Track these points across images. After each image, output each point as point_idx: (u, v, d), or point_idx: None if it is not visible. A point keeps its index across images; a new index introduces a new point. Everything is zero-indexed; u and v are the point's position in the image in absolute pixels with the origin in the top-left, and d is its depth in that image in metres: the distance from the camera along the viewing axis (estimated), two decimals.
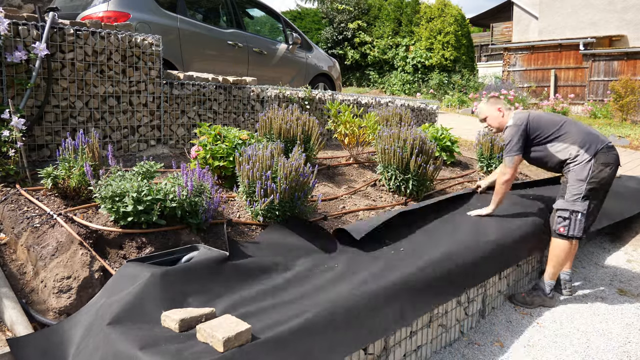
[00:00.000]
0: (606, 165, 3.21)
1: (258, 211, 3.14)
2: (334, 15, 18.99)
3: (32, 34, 3.28)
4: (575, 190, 3.24)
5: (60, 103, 3.49)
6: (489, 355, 2.79)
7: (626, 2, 15.14)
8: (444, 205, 3.83)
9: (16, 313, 2.24)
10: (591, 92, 15.33)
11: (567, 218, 3.26)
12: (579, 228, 3.25)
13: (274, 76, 6.25)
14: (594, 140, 3.27)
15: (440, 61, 17.13)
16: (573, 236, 3.27)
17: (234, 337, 1.75)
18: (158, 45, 3.95)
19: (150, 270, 2.21)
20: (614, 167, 3.25)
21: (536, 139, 3.41)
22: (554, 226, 3.34)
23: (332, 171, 4.51)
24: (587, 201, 3.23)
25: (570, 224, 3.25)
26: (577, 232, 3.26)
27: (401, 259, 2.77)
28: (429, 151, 4.19)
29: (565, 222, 3.27)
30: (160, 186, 2.75)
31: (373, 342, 2.29)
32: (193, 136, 4.27)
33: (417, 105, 6.97)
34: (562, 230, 3.29)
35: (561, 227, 3.29)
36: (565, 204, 3.27)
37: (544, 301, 3.38)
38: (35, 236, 2.62)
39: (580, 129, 3.35)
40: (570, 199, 3.26)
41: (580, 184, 3.23)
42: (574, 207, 3.24)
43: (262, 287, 2.35)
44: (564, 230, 3.28)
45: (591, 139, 3.28)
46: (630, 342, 2.96)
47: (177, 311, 1.98)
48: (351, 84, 19.14)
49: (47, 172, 2.87)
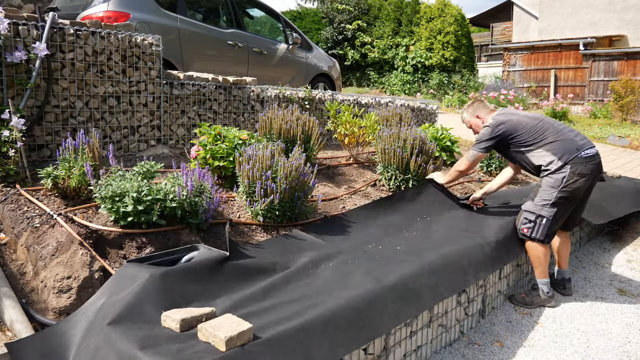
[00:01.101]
0: (582, 176, 3.17)
1: (258, 211, 3.14)
2: (334, 15, 18.99)
3: (32, 34, 3.28)
4: (546, 195, 3.24)
5: (60, 103, 3.49)
6: (489, 355, 2.79)
7: (626, 2, 15.15)
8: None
9: (16, 313, 2.24)
10: (591, 92, 15.33)
11: (533, 221, 3.29)
12: (542, 233, 3.27)
13: (274, 76, 6.25)
14: (571, 150, 3.21)
15: (440, 61, 17.14)
16: (535, 238, 3.29)
17: (236, 337, 1.75)
18: (158, 45, 3.95)
19: (150, 271, 2.21)
20: (590, 178, 3.21)
21: (513, 142, 3.39)
22: (519, 226, 3.37)
23: (332, 171, 4.51)
24: (554, 208, 3.22)
25: (534, 227, 3.28)
26: (539, 235, 3.28)
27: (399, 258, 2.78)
28: (429, 151, 4.19)
29: (530, 224, 3.30)
30: (160, 186, 2.75)
31: (373, 340, 2.29)
32: (193, 136, 4.27)
33: (417, 105, 6.97)
34: (525, 231, 3.32)
35: (525, 228, 3.33)
36: (533, 207, 3.29)
37: (544, 301, 3.39)
38: (35, 236, 2.62)
39: (559, 136, 3.28)
40: (539, 203, 3.27)
41: (552, 191, 3.22)
42: (541, 212, 3.25)
43: (262, 287, 2.35)
44: (527, 231, 3.31)
45: (569, 147, 3.22)
46: (630, 342, 2.96)
47: (178, 311, 1.98)
48: (351, 84, 19.14)
49: (47, 172, 2.87)
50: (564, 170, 3.18)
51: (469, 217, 3.66)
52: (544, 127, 3.34)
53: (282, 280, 2.43)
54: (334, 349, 2.00)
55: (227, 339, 1.72)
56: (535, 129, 3.33)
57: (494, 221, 3.50)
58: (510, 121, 3.39)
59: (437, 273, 2.67)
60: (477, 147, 3.48)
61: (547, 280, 3.40)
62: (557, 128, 3.34)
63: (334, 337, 2.02)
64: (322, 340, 1.97)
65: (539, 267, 3.37)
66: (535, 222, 3.27)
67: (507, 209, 3.78)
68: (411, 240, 3.16)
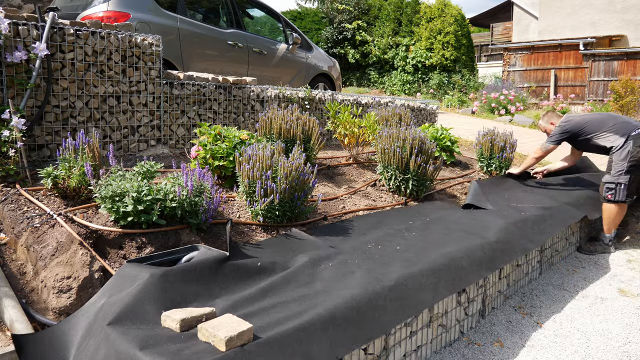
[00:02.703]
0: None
1: (258, 211, 3.14)
2: (334, 15, 18.99)
3: (32, 34, 3.28)
4: (619, 167, 4.22)
5: (60, 103, 3.49)
6: (489, 355, 2.79)
7: (626, 2, 15.15)
8: None
9: (16, 313, 2.24)
10: (591, 92, 15.33)
11: (613, 188, 4.26)
12: (623, 195, 4.25)
13: (274, 76, 6.25)
14: (630, 129, 4.25)
15: (441, 61, 17.13)
16: (618, 201, 4.25)
17: (236, 337, 1.75)
18: (158, 45, 3.95)
19: (150, 271, 2.21)
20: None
21: (581, 134, 4.48)
22: (603, 194, 4.32)
23: (332, 171, 4.51)
24: (628, 175, 4.20)
25: (615, 192, 4.25)
26: (621, 197, 4.25)
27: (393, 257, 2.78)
28: (429, 151, 4.19)
29: (611, 191, 4.27)
30: (160, 186, 2.75)
31: (374, 340, 2.29)
32: (193, 136, 4.27)
33: (417, 105, 6.97)
34: (609, 197, 4.28)
35: (609, 194, 4.28)
36: (611, 178, 4.27)
37: (605, 249, 4.38)
38: (35, 236, 2.62)
39: (617, 120, 4.38)
40: (615, 174, 4.25)
41: (622, 163, 4.21)
42: (619, 180, 4.23)
43: (261, 287, 2.35)
44: (611, 197, 4.27)
45: (627, 127, 4.28)
46: (630, 342, 2.96)
47: (178, 311, 1.98)
48: (351, 84, 19.13)
49: (47, 172, 2.87)
50: (627, 145, 4.21)
51: (468, 218, 3.68)
52: (602, 117, 4.48)
53: (282, 280, 2.43)
54: (334, 348, 2.00)
55: (227, 339, 1.72)
56: (597, 120, 4.44)
57: (495, 222, 3.51)
58: (573, 120, 4.54)
59: (437, 272, 2.67)
60: (550, 140, 4.60)
61: (611, 235, 4.36)
62: (613, 115, 4.51)
63: (333, 337, 2.02)
64: (322, 339, 1.97)
65: (609, 224, 4.33)
66: (615, 188, 4.25)
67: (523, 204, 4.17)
68: (411, 240, 3.16)
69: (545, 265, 4.04)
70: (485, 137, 5.38)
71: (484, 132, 5.45)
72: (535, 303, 3.46)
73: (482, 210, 3.99)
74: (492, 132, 5.42)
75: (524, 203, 4.20)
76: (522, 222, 3.65)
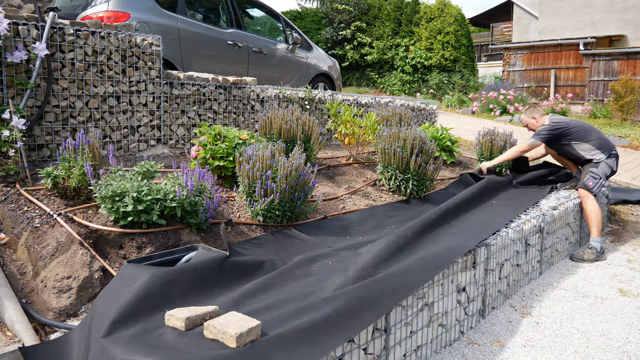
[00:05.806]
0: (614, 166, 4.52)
1: (258, 211, 3.14)
2: (334, 16, 18.98)
3: (32, 34, 3.28)
4: (604, 169, 4.42)
5: (60, 103, 3.49)
6: (489, 355, 2.79)
7: (626, 2, 15.14)
8: None
9: (16, 313, 2.24)
10: (591, 92, 15.33)
11: (597, 179, 4.35)
12: (599, 189, 4.36)
13: (274, 76, 6.25)
14: (610, 147, 4.50)
15: (440, 61, 17.13)
16: (591, 190, 4.32)
17: (246, 333, 1.75)
18: (158, 45, 3.95)
19: (151, 271, 2.21)
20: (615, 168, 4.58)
21: (565, 138, 4.53)
22: (585, 179, 4.37)
23: (332, 171, 4.51)
24: (606, 180, 4.42)
25: (596, 183, 4.34)
26: (596, 189, 4.35)
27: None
28: (429, 151, 4.19)
29: (595, 180, 4.35)
30: (160, 186, 2.75)
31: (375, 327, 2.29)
32: (193, 136, 4.27)
33: (417, 105, 6.97)
34: (590, 184, 4.34)
35: (590, 181, 4.34)
36: (598, 171, 4.39)
37: (598, 257, 4.20)
38: (35, 236, 2.62)
39: (600, 136, 4.52)
40: (602, 171, 4.38)
41: (603, 172, 4.42)
42: (605, 175, 4.39)
43: (262, 286, 2.35)
44: (591, 184, 4.34)
45: (608, 145, 4.50)
46: (630, 342, 2.96)
47: (181, 310, 1.98)
48: (351, 84, 19.13)
49: (47, 172, 2.87)
50: (609, 161, 4.42)
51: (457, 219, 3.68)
52: (588, 128, 4.55)
53: (281, 279, 2.44)
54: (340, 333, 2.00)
55: (238, 336, 1.72)
56: (583, 129, 4.52)
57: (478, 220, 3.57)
58: (563, 121, 4.56)
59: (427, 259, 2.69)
60: (537, 137, 4.55)
61: (602, 240, 4.35)
62: (597, 131, 4.59)
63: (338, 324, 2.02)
64: (329, 327, 1.97)
65: (597, 225, 4.28)
66: (598, 180, 4.34)
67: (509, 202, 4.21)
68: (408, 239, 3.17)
69: (545, 265, 4.04)
70: (485, 137, 5.38)
71: (484, 132, 5.46)
72: (535, 303, 3.46)
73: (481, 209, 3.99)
74: (492, 132, 5.42)
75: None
76: None
